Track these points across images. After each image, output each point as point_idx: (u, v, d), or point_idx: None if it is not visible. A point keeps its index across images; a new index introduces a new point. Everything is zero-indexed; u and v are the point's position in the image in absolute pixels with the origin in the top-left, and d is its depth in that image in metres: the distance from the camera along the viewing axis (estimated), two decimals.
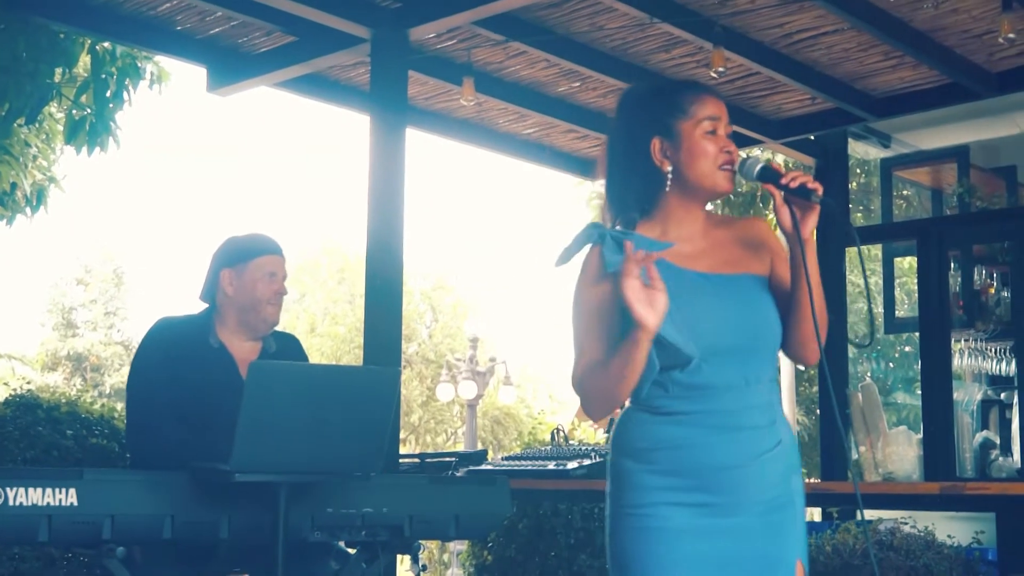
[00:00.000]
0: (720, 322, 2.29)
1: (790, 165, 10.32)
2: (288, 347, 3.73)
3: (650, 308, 2.17)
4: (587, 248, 2.39)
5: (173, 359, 3.46)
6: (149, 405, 3.44)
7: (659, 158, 2.37)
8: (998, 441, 5.67)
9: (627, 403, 2.42)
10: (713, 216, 2.47)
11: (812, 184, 2.29)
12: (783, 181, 2.30)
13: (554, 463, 4.69)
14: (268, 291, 3.57)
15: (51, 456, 4.92)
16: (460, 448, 21.65)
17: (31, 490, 2.82)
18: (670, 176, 2.36)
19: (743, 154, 2.44)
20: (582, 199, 15.05)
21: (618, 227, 2.42)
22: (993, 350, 6.27)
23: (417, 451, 18.37)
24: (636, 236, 2.35)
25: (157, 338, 3.55)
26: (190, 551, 3.20)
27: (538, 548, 6.95)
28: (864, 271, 2.64)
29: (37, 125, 7.11)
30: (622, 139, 2.43)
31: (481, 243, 42.23)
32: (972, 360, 6.27)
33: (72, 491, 2.85)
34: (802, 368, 12.28)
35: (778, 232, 2.41)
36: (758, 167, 2.35)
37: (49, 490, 2.83)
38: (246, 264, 3.58)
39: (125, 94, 6.42)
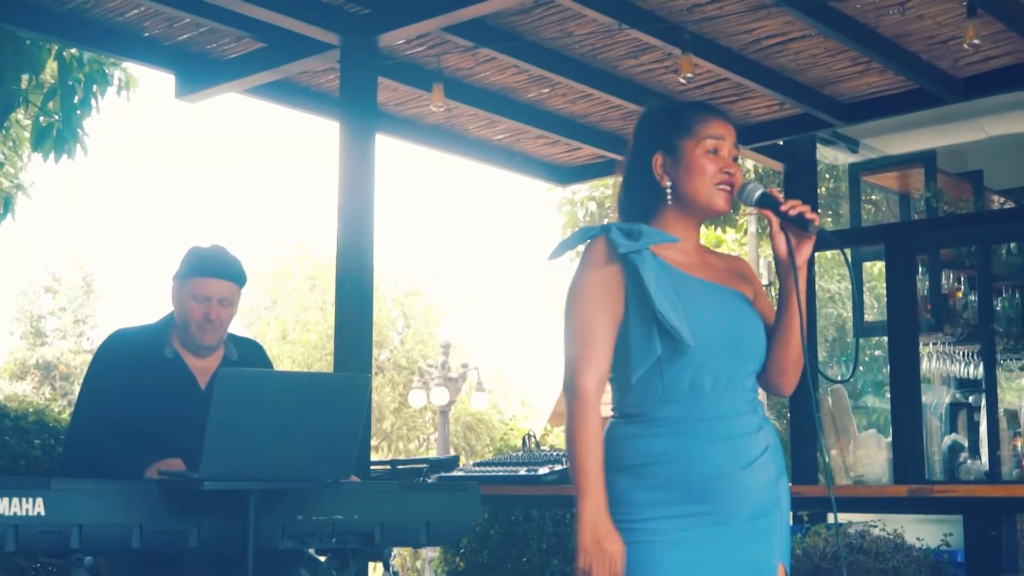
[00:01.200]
0: (713, 324, 2.34)
1: (759, 171, 10.35)
2: (250, 354, 3.69)
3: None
4: (583, 245, 2.42)
5: (126, 370, 3.42)
6: (91, 416, 3.40)
7: (659, 173, 2.43)
8: (966, 444, 5.70)
9: (612, 413, 2.43)
10: (703, 247, 2.54)
11: (810, 215, 2.34)
12: (782, 209, 2.36)
13: (526, 469, 4.69)
14: (198, 314, 3.48)
15: (19, 466, 4.88)
16: (432, 455, 21.63)
17: None
18: (670, 191, 2.42)
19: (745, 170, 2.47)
20: (553, 204, 15.05)
21: None
22: (961, 353, 6.31)
23: (389, 458, 18.34)
24: (646, 228, 2.38)
25: (110, 350, 3.51)
26: (159, 560, 3.17)
27: (510, 554, 6.95)
28: (856, 294, 2.67)
29: (4, 132, 7.06)
30: (632, 154, 2.50)
31: (453, 249, 42.19)
32: (940, 363, 6.30)
33: (39, 500, 2.83)
34: None
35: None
36: (758, 193, 2.41)
37: (16, 500, 2.81)
38: (186, 281, 3.51)
39: (93, 101, 6.39)
